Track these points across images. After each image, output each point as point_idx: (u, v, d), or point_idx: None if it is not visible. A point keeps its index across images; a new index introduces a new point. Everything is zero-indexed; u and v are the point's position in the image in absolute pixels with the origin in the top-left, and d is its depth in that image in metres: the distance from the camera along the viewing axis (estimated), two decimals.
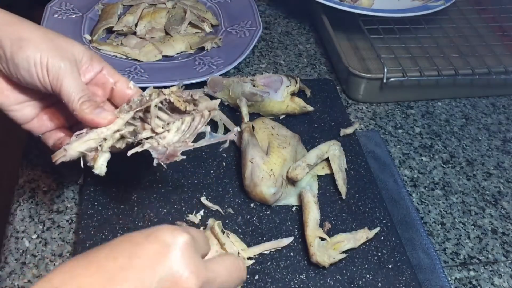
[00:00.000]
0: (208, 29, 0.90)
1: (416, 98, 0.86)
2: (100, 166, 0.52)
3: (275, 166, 0.63)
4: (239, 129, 0.65)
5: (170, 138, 0.53)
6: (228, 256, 0.44)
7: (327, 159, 0.68)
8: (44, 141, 0.58)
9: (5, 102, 0.54)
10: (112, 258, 0.37)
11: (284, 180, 0.64)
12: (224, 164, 0.68)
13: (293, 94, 0.75)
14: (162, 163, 0.52)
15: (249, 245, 0.59)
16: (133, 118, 0.53)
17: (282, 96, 0.73)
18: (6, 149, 1.49)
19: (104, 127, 0.52)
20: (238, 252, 0.57)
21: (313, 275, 0.57)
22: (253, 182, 0.62)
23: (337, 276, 0.57)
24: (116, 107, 0.59)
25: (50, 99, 0.58)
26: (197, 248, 0.41)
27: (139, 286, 0.36)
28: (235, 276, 0.43)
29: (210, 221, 0.60)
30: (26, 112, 0.56)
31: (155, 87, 0.78)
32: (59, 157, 0.51)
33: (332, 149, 0.68)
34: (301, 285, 0.56)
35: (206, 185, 0.65)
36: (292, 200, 0.65)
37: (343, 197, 0.65)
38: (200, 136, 0.55)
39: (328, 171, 0.68)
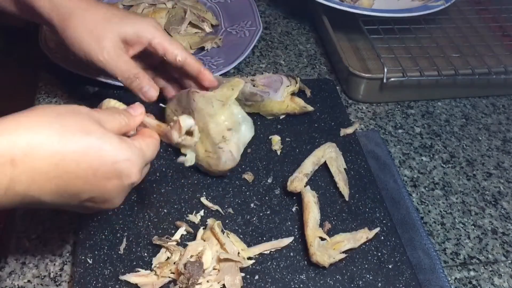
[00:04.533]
0: (208, 29, 0.90)
1: (416, 98, 0.86)
2: None
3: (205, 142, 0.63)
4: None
5: None
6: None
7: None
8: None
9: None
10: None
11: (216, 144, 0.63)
12: None
13: (293, 94, 0.75)
14: None
15: (249, 245, 0.59)
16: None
17: (282, 96, 0.73)
18: None
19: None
20: (238, 252, 0.57)
21: (313, 275, 0.57)
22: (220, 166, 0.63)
23: (337, 276, 0.57)
24: (167, 73, 0.69)
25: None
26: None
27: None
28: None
29: (210, 221, 0.60)
30: None
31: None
32: None
33: (327, 152, 0.67)
34: (301, 285, 0.56)
35: (206, 185, 0.65)
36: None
37: (346, 199, 0.64)
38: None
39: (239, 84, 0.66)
